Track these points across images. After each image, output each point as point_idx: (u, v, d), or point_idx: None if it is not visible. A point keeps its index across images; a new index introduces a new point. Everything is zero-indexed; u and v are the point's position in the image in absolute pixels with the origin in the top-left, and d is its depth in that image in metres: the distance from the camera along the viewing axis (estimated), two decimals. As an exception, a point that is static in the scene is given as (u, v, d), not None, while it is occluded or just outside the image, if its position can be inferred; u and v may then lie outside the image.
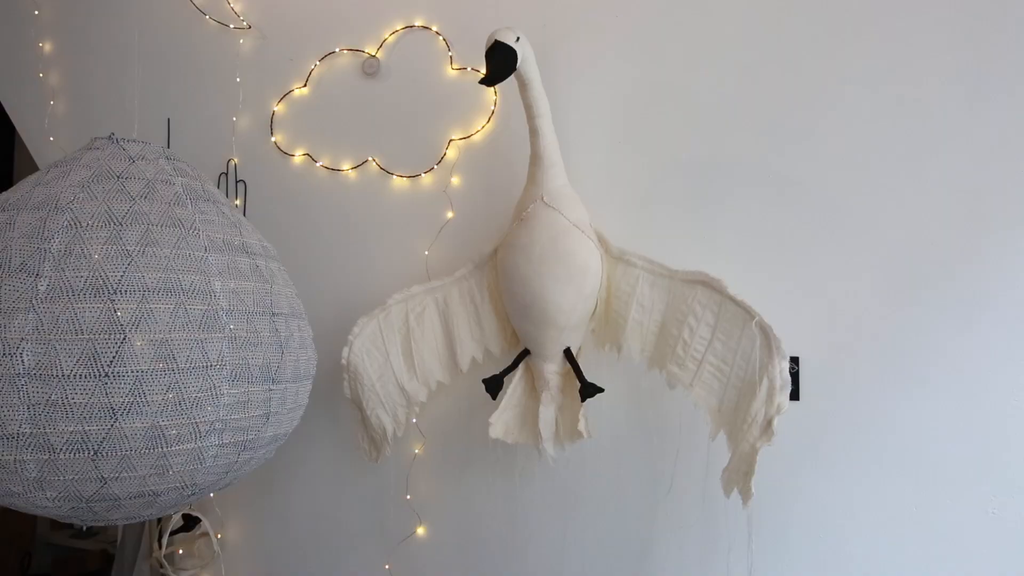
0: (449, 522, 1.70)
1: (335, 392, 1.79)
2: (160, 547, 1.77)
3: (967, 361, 1.33)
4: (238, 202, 1.91)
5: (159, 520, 1.86)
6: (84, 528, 1.29)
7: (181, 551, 1.88)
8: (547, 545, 1.60)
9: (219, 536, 1.89)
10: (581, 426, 1.42)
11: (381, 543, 1.75)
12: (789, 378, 1.24)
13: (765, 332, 1.26)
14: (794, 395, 1.43)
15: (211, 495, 1.89)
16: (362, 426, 1.64)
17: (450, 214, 1.72)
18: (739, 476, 1.26)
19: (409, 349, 1.59)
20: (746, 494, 1.23)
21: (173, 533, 1.81)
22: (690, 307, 1.36)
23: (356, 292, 1.78)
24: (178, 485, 1.15)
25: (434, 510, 1.71)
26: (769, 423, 1.23)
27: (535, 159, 1.43)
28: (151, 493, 1.13)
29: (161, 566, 1.78)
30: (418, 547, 1.72)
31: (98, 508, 1.11)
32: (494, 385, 1.49)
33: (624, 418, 1.53)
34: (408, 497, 1.72)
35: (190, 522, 1.83)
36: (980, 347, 1.33)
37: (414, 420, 1.70)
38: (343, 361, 1.55)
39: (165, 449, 1.08)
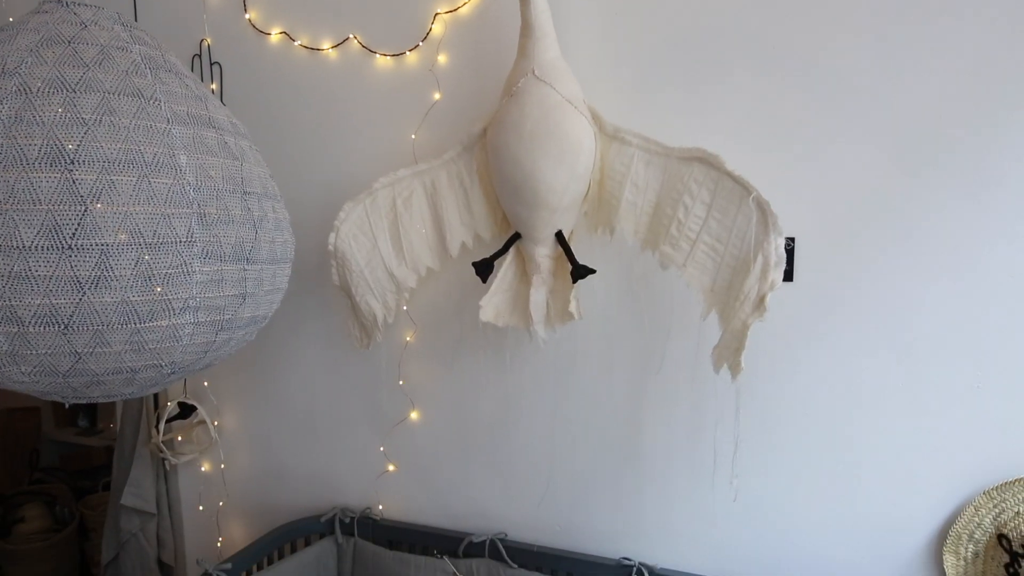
0: (441, 406, 1.71)
1: (325, 280, 1.76)
2: (158, 432, 1.80)
3: (964, 240, 1.27)
4: (214, 87, 1.81)
5: (156, 407, 1.88)
6: (67, 406, 1.29)
7: (180, 438, 1.92)
8: (538, 426, 1.62)
9: (216, 423, 1.92)
10: (572, 308, 1.39)
11: (375, 427, 1.78)
12: (784, 255, 1.19)
13: (762, 208, 1.21)
14: (788, 276, 1.39)
15: (205, 384, 1.91)
16: (352, 313, 1.62)
17: (437, 95, 1.62)
18: (729, 352, 1.23)
19: (397, 234, 1.54)
20: (735, 368, 1.21)
21: (170, 420, 1.83)
22: (686, 185, 1.30)
23: (341, 177, 1.72)
24: (156, 363, 1.13)
25: (426, 395, 1.72)
26: (762, 299, 1.19)
27: (525, 29, 1.33)
28: (128, 370, 1.11)
29: (160, 451, 1.82)
30: (411, 430, 1.74)
31: (76, 384, 1.10)
32: (484, 269, 1.45)
33: (615, 300, 1.50)
34: (401, 383, 1.73)
35: (186, 410, 1.86)
36: (979, 226, 1.27)
37: (405, 308, 1.68)
38: (330, 247, 1.50)
39: (138, 325, 1.06)
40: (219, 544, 1.96)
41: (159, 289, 1.04)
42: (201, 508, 1.97)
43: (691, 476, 1.49)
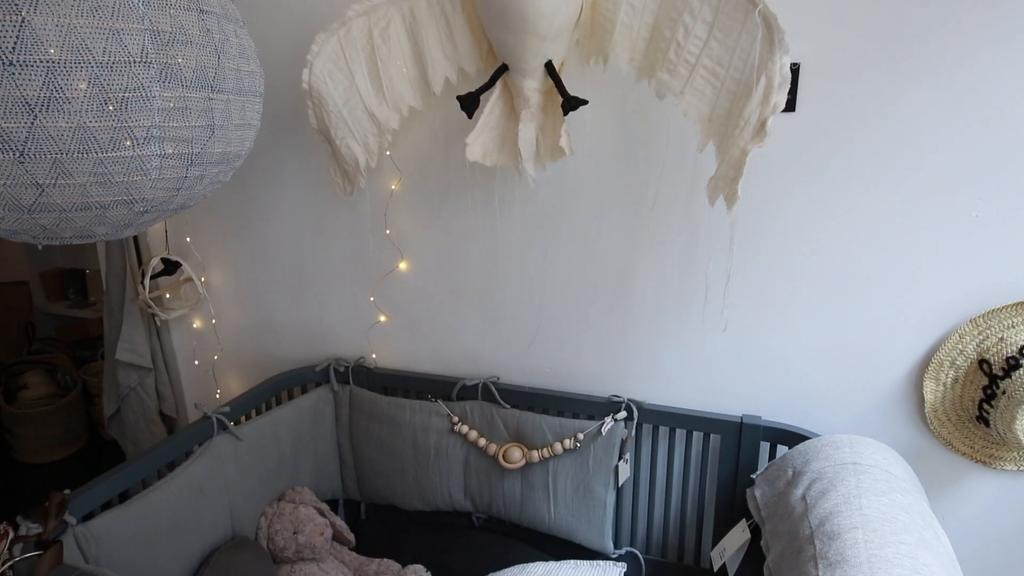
0: (430, 254, 1.68)
1: (301, 123, 1.67)
2: (144, 289, 1.78)
3: (973, 60, 1.19)
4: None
5: (140, 264, 1.85)
6: (40, 248, 1.24)
7: (168, 295, 1.90)
8: (528, 270, 1.60)
9: (203, 280, 1.90)
10: (563, 143, 1.33)
11: (364, 278, 1.76)
12: (789, 75, 1.11)
13: (768, 22, 1.11)
14: (790, 105, 1.31)
15: (188, 239, 1.87)
16: (333, 159, 1.55)
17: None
18: (726, 183, 1.19)
19: (376, 70, 1.43)
20: (732, 197, 1.17)
21: (155, 277, 1.81)
22: (687, 3, 1.19)
23: (310, 5, 1.58)
24: (125, 198, 1.07)
25: (414, 244, 1.68)
26: (763, 124, 1.13)
27: None
28: (97, 206, 1.06)
29: (149, 307, 1.81)
30: (401, 280, 1.73)
31: (45, 222, 1.06)
32: (470, 102, 1.36)
33: (608, 134, 1.43)
34: (388, 232, 1.69)
35: (170, 266, 1.82)
36: (989, 44, 1.18)
37: (388, 153, 1.61)
38: (304, 85, 1.40)
39: (100, 155, 0.99)
40: (217, 396, 2.00)
41: (111, 108, 0.96)
42: (197, 363, 2.00)
43: (681, 315, 1.50)
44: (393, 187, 1.65)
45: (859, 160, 1.30)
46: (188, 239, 1.87)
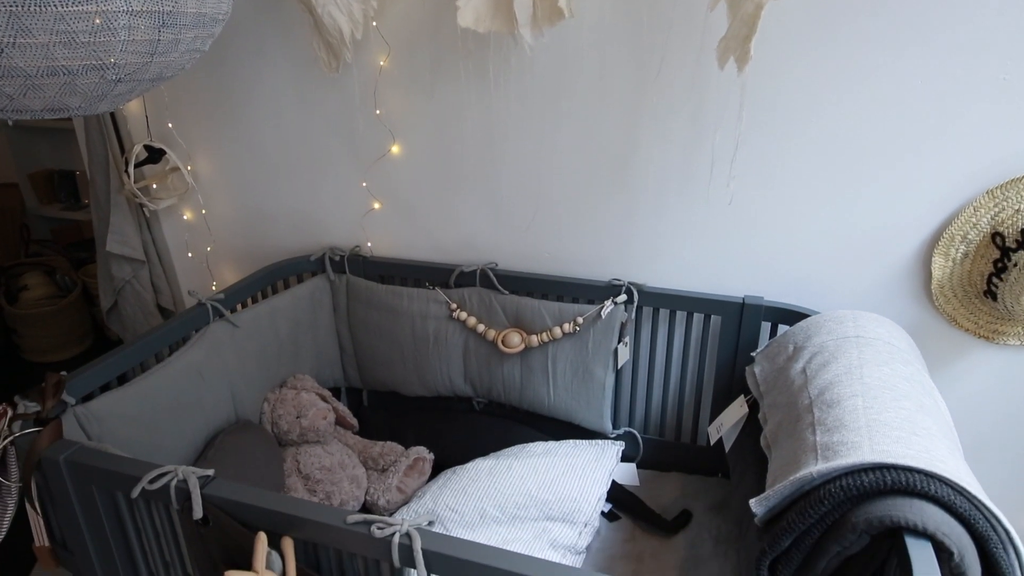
0: (423, 136, 1.61)
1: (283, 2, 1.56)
2: (128, 177, 1.72)
3: None
4: None
5: (123, 153, 1.78)
6: (10, 123, 1.18)
7: (155, 185, 1.85)
8: (525, 151, 1.53)
9: (189, 168, 1.84)
10: (561, 3, 1.23)
11: (356, 163, 1.70)
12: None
13: None
14: (813, -42, 1.21)
15: (169, 125, 1.79)
16: (316, 31, 1.45)
17: None
18: (737, 42, 1.10)
19: (355, -72, 1.31)
20: (743, 58, 1.09)
21: (140, 165, 1.74)
22: None
23: None
24: (94, 63, 1.00)
25: (406, 125, 1.61)
26: (781, -27, 1.03)
27: None
28: (65, 71, 0.99)
29: (136, 196, 1.75)
30: (394, 165, 1.67)
31: (10, 90, 0.99)
32: (458, -39, 1.25)
33: (611, -6, 1.33)
34: (378, 112, 1.61)
35: (154, 154, 1.76)
36: None
37: (374, 23, 1.50)
38: (278, -54, 1.29)
39: (60, 9, 0.91)
40: (213, 287, 1.99)
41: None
42: (190, 255, 1.97)
43: (685, 192, 1.45)
44: (382, 63, 1.56)
45: (881, 21, 1.20)
46: (170, 125, 1.79)
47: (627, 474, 1.66)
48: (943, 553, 0.80)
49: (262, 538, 0.80)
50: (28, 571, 1.65)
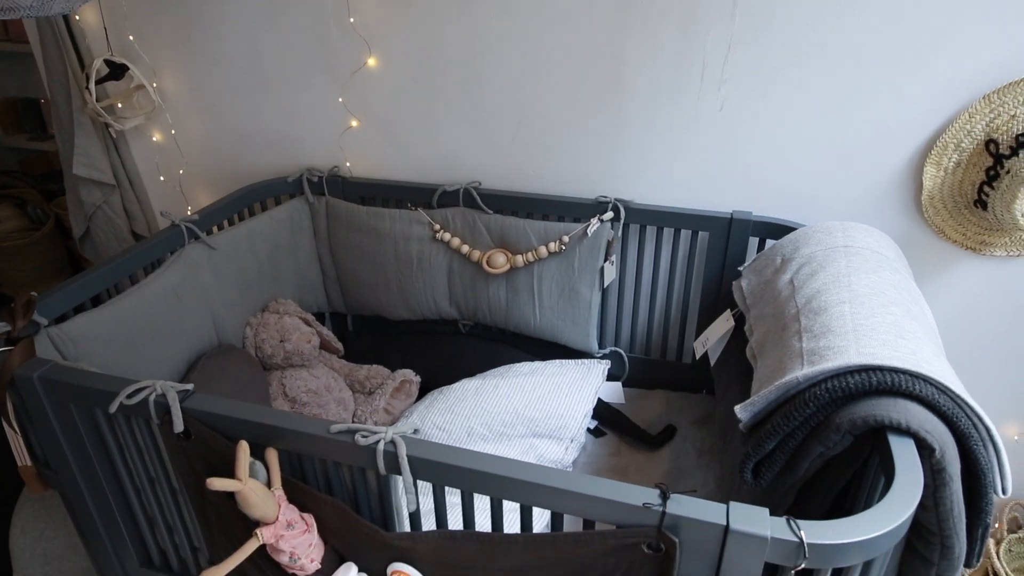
0: (401, 49, 1.53)
1: None
2: (90, 95, 1.63)
3: None
4: None
5: (83, 69, 1.69)
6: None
7: (119, 104, 1.76)
8: (508, 64, 1.47)
9: (155, 86, 1.75)
10: None
11: (331, 78, 1.62)
12: None
13: None
14: None
15: (130, 37, 1.69)
16: (280, -70, 1.35)
17: None
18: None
19: None
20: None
21: (100, 82, 1.65)
22: None
23: None
24: (36, -47, 0.92)
25: (383, 36, 1.52)
26: None
27: None
28: (4, -39, 0.91)
29: (99, 115, 1.67)
30: (371, 79, 1.59)
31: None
32: None
33: None
34: (352, 20, 1.52)
35: (116, 69, 1.66)
36: None
37: (343, -78, 1.40)
38: None
39: None
40: (188, 212, 1.93)
41: None
42: (162, 179, 1.90)
43: (675, 103, 1.39)
44: (355, -33, 1.46)
45: (884, -91, 1.13)
46: (131, 38, 1.68)
47: (613, 392, 1.68)
48: (924, 450, 0.81)
49: (244, 446, 0.79)
50: (16, 494, 1.65)
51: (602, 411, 1.58)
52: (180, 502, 1.06)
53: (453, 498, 1.04)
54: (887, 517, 0.71)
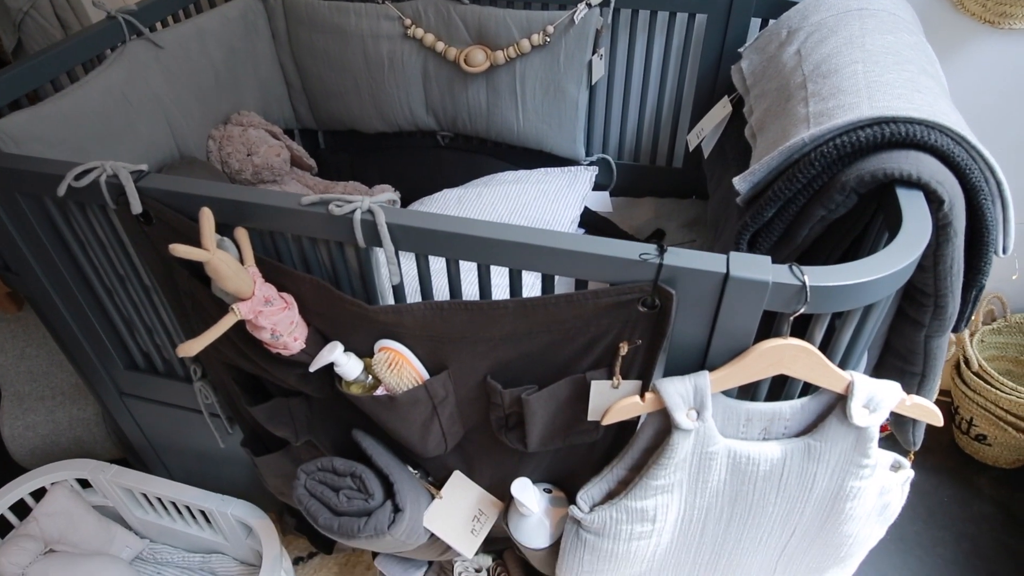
0: None
1: None
2: None
3: None
4: None
5: None
6: None
7: None
8: None
9: None
10: None
11: None
12: None
13: None
14: None
15: None
16: None
17: None
18: None
19: None
20: None
21: None
22: None
23: None
24: None
25: None
26: None
27: None
28: None
29: None
30: None
31: None
32: None
33: None
34: None
35: None
36: None
37: None
38: None
39: None
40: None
41: None
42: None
43: None
44: None
45: None
46: None
47: (600, 201, 1.62)
48: (933, 204, 0.77)
49: (207, 213, 0.72)
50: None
51: (589, 219, 1.53)
52: (155, 300, 1.02)
53: (438, 265, 1.00)
54: (893, 260, 0.68)
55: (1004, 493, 1.57)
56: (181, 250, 0.69)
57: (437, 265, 0.84)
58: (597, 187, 1.62)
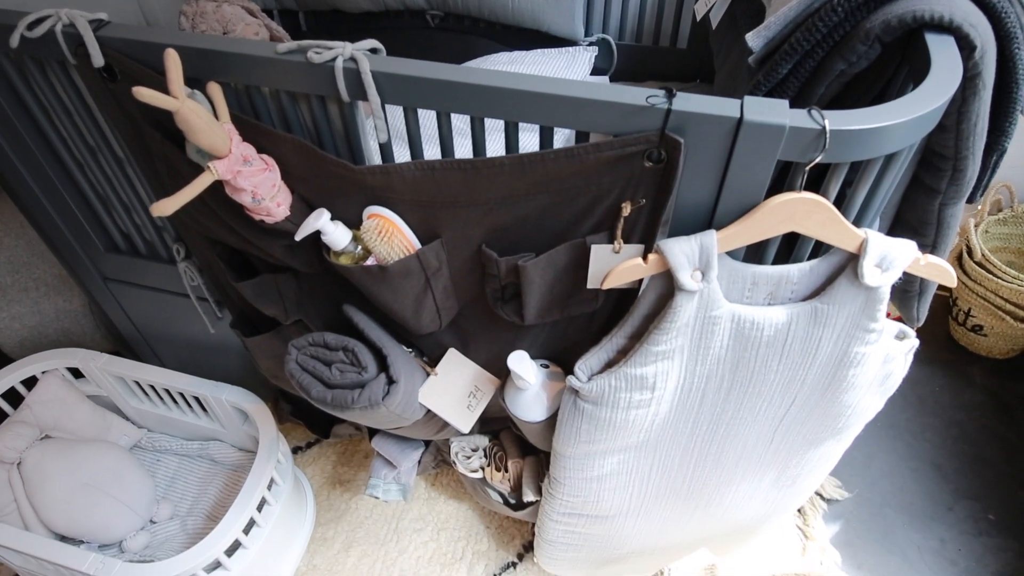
0: None
1: None
2: None
3: None
4: None
5: None
6: None
7: None
8: None
9: None
10: None
11: None
12: None
13: None
14: None
15: None
16: None
17: None
18: None
19: None
20: None
21: None
22: None
23: None
24: None
25: None
26: None
27: None
28: None
29: None
30: None
31: None
32: None
33: None
34: None
35: None
36: None
37: None
38: None
39: None
40: None
41: None
42: None
43: None
44: None
45: None
46: None
47: (599, 86, 1.54)
48: (964, 51, 0.71)
49: (172, 55, 0.66)
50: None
51: (588, 103, 1.46)
52: (129, 174, 0.96)
53: (429, 131, 0.95)
54: (919, 104, 0.63)
55: (995, 382, 1.59)
56: (146, 94, 0.63)
57: (428, 131, 0.79)
58: (596, 71, 1.53)
